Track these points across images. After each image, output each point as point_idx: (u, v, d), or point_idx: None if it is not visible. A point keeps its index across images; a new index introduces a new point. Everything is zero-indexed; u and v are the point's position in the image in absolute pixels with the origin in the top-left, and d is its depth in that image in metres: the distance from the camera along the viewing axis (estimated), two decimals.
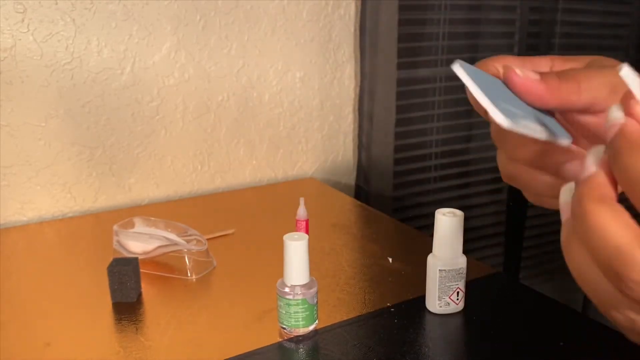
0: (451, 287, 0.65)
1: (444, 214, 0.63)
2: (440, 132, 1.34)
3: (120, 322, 0.65)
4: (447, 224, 0.63)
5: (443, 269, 0.64)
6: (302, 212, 0.85)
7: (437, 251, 0.64)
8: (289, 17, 1.11)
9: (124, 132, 1.02)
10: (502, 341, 0.62)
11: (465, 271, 0.65)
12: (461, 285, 0.65)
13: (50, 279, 0.76)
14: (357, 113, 1.23)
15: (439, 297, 0.65)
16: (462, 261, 0.64)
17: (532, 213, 1.51)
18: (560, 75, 0.33)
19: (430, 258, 0.65)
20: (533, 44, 1.39)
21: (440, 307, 0.65)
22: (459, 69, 0.31)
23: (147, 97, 1.02)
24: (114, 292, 0.69)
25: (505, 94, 0.33)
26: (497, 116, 0.29)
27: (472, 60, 0.36)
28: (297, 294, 0.60)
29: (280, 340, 0.62)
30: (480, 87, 0.31)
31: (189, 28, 1.02)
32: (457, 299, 0.66)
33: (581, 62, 0.37)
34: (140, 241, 0.76)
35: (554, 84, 0.33)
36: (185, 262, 0.76)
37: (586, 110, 0.34)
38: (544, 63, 0.38)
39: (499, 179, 1.47)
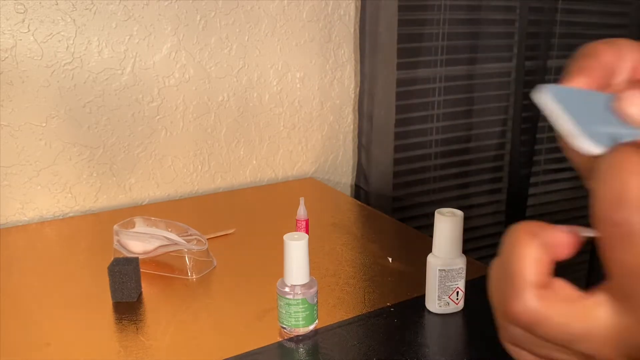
0: (451, 286, 0.65)
1: (443, 214, 0.64)
2: (440, 132, 1.35)
3: (121, 322, 0.65)
4: (447, 224, 0.63)
5: (443, 268, 0.64)
6: (302, 212, 0.85)
7: (437, 251, 0.65)
8: (289, 17, 1.11)
9: (125, 132, 1.02)
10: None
11: (464, 271, 0.65)
12: (461, 285, 0.65)
13: (51, 278, 0.76)
14: (356, 113, 1.24)
15: (438, 296, 0.65)
16: (461, 261, 0.65)
17: (532, 213, 1.52)
18: None
19: (430, 258, 0.65)
20: (532, 44, 1.39)
21: (440, 306, 0.66)
22: (544, 96, 0.28)
23: (147, 97, 1.02)
24: (114, 291, 0.69)
25: (605, 113, 0.29)
26: (583, 143, 0.26)
27: (472, 61, 0.36)
28: (297, 293, 0.60)
29: (281, 339, 0.62)
30: (567, 111, 0.27)
31: (189, 28, 1.03)
32: (457, 299, 0.66)
33: None
34: (140, 241, 0.77)
35: None
36: (186, 261, 0.76)
37: None
38: None
39: (499, 179, 1.47)
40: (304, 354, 0.60)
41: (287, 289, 0.61)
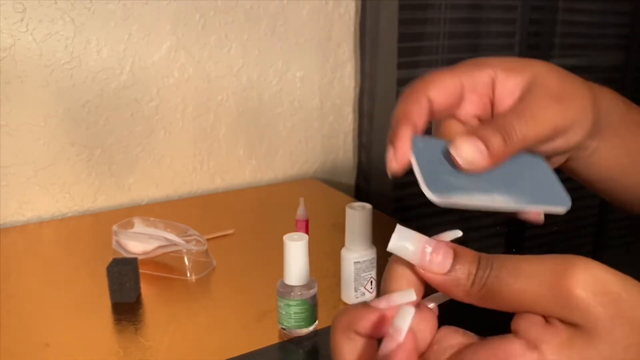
0: (365, 277, 0.67)
1: (354, 208, 0.65)
2: None
3: (120, 323, 0.65)
4: (358, 217, 0.65)
5: (357, 260, 0.66)
6: (302, 212, 0.84)
7: (350, 244, 0.66)
8: (288, 16, 1.11)
9: (124, 132, 1.01)
10: None
11: (376, 261, 0.67)
12: (374, 274, 0.68)
13: (50, 279, 0.76)
14: (357, 113, 1.23)
15: (355, 288, 0.67)
16: (373, 252, 0.67)
17: None
18: (504, 135, 0.33)
19: (343, 252, 0.67)
20: (533, 44, 1.39)
21: (357, 297, 0.68)
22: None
23: (146, 97, 1.02)
24: (113, 292, 0.68)
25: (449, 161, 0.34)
26: (426, 191, 0.31)
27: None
28: (297, 294, 0.60)
29: (280, 341, 0.62)
30: (422, 160, 0.32)
31: (188, 27, 1.02)
32: (371, 288, 0.68)
33: (522, 74, 0.37)
34: (139, 241, 0.76)
35: (499, 151, 0.33)
36: (185, 262, 0.75)
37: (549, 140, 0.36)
38: (485, 79, 0.37)
39: None
40: (303, 355, 0.60)
41: (287, 290, 0.60)
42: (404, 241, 0.27)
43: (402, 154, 0.34)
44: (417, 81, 0.37)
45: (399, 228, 0.27)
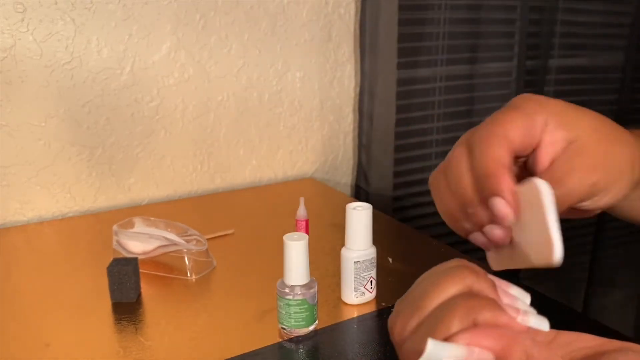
0: (365, 277, 0.67)
1: (354, 208, 0.65)
2: (440, 132, 1.34)
3: (120, 322, 0.65)
4: (359, 216, 0.65)
5: (357, 260, 0.66)
6: (302, 212, 0.84)
7: (351, 244, 0.66)
8: (289, 16, 1.11)
9: (124, 132, 1.02)
10: None
11: (376, 260, 0.67)
12: (373, 274, 0.68)
13: (50, 279, 0.76)
14: (357, 113, 1.23)
15: (355, 288, 0.67)
16: (373, 251, 0.67)
17: None
18: None
19: (343, 251, 0.67)
20: (533, 44, 1.39)
21: (357, 297, 0.68)
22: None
23: (146, 97, 1.02)
24: (113, 292, 0.69)
25: None
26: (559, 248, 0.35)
27: (472, 60, 0.37)
28: (297, 294, 0.60)
29: (280, 340, 0.62)
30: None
31: (188, 27, 1.02)
32: (371, 288, 0.68)
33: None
34: (140, 241, 0.76)
35: None
36: (185, 262, 0.76)
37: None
38: (540, 123, 0.39)
39: None
40: (303, 355, 0.60)
41: (287, 290, 0.60)
42: (445, 351, 0.27)
43: (514, 200, 0.37)
44: (491, 123, 0.38)
45: (431, 342, 0.27)
